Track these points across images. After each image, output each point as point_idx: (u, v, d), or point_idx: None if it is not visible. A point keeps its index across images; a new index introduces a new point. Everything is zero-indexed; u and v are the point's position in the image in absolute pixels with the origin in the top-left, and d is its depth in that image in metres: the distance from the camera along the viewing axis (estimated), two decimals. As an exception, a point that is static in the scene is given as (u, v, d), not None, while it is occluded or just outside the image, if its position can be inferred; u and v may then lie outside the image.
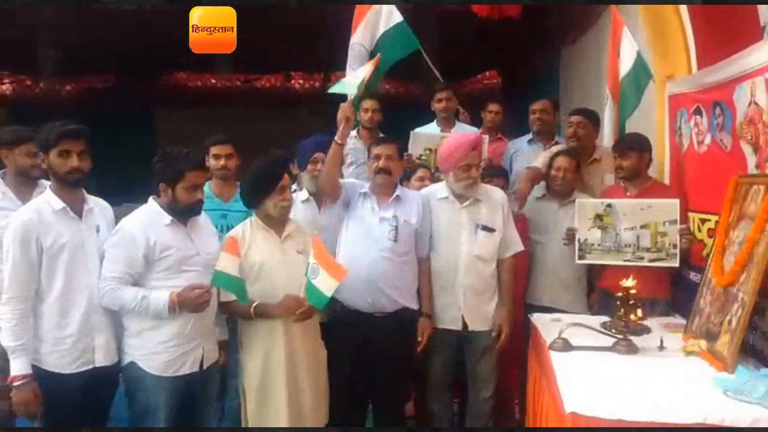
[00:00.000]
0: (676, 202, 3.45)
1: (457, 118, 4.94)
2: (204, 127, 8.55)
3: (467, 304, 3.51)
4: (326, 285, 2.90)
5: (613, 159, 3.78)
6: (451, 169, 3.51)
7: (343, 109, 3.50)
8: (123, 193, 4.02)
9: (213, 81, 12.25)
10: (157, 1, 7.66)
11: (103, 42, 9.24)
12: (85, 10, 8.26)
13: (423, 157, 4.36)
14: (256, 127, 9.93)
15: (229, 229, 3.33)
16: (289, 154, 3.64)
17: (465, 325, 3.52)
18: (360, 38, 4.80)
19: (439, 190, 3.64)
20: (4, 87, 11.98)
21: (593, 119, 4.26)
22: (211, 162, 3.86)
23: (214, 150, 3.92)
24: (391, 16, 4.76)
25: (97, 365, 2.81)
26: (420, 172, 4.04)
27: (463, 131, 4.57)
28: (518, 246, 3.64)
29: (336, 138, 3.40)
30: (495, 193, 3.64)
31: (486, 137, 4.41)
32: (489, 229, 3.52)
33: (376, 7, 4.79)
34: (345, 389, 3.38)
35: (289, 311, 3.02)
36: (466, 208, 3.53)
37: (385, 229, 3.42)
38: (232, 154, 3.98)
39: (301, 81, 12.55)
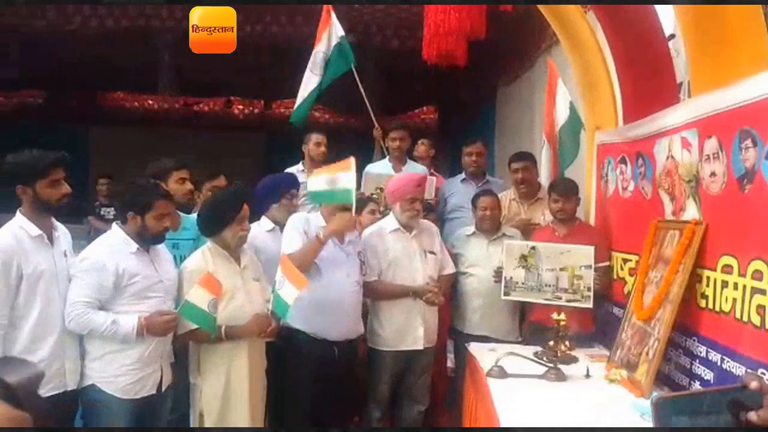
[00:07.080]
0: (591, 249, 3.65)
1: (409, 155, 5.17)
2: (140, 148, 8.55)
3: (426, 323, 3.78)
4: (289, 294, 3.03)
5: (552, 200, 3.97)
6: (398, 201, 3.80)
7: (344, 219, 3.43)
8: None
9: (150, 102, 12.13)
10: (157, 1, 7.61)
11: (38, 57, 9.09)
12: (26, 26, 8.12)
13: (374, 195, 4.57)
14: (195, 151, 9.92)
15: (182, 258, 3.39)
16: (249, 187, 3.74)
17: None
18: (322, 46, 5.03)
19: (390, 223, 3.89)
20: None
21: (534, 162, 4.54)
22: (175, 186, 3.60)
23: (180, 174, 3.67)
24: (338, 29, 5.01)
25: (68, 389, 2.81)
26: (371, 206, 4.28)
27: (414, 169, 4.89)
28: (452, 268, 4.00)
29: (321, 235, 3.40)
30: (429, 225, 4.03)
31: (434, 179, 4.69)
32: (433, 253, 3.88)
33: (333, 18, 5.02)
34: (308, 415, 3.50)
35: (261, 329, 3.18)
36: (415, 237, 3.84)
37: (356, 264, 3.63)
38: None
39: (240, 106, 12.58)
